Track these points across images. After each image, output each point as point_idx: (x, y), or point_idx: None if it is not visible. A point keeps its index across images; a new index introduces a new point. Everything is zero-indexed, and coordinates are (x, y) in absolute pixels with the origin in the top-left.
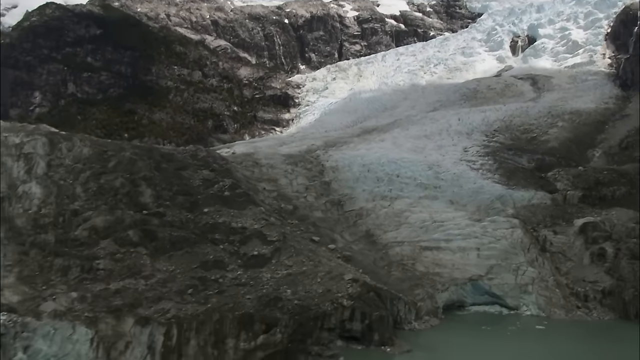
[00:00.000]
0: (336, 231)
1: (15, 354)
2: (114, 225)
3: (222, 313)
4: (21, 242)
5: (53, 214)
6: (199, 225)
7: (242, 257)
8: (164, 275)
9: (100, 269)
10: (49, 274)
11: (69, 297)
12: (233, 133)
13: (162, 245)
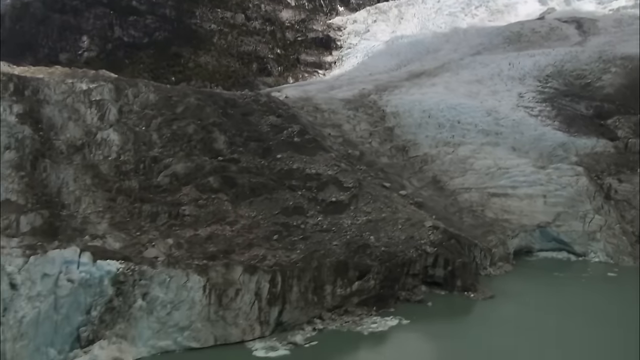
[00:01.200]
0: (404, 177)
1: (135, 300)
2: (194, 172)
3: (320, 261)
4: (108, 189)
5: (133, 160)
6: (274, 171)
7: (321, 204)
8: (248, 221)
9: (186, 215)
10: (139, 220)
11: (166, 244)
12: (277, 76)
13: (242, 192)
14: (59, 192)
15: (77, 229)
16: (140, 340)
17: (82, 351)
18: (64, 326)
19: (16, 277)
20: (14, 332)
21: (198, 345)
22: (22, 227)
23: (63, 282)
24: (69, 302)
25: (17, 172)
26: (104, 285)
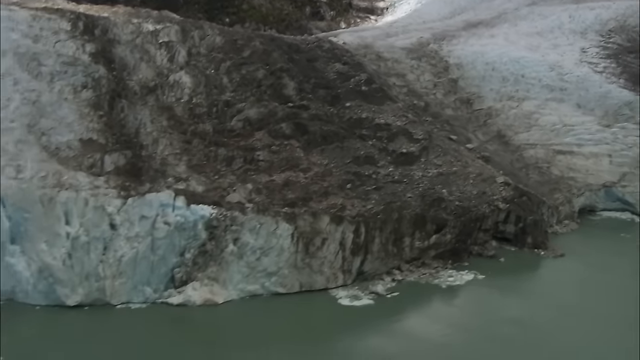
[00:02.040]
0: (469, 130)
1: (226, 245)
2: (267, 118)
3: (400, 213)
4: (183, 132)
5: (206, 104)
6: (343, 119)
7: (391, 154)
8: (320, 169)
9: (260, 160)
10: (215, 163)
11: (246, 189)
12: (329, 20)
13: (314, 139)
14: (137, 133)
15: (158, 170)
16: (231, 283)
17: (176, 291)
18: (159, 267)
19: (115, 217)
20: (113, 270)
21: (284, 290)
22: (106, 166)
23: (160, 224)
24: (165, 244)
25: (95, 112)
26: (198, 229)
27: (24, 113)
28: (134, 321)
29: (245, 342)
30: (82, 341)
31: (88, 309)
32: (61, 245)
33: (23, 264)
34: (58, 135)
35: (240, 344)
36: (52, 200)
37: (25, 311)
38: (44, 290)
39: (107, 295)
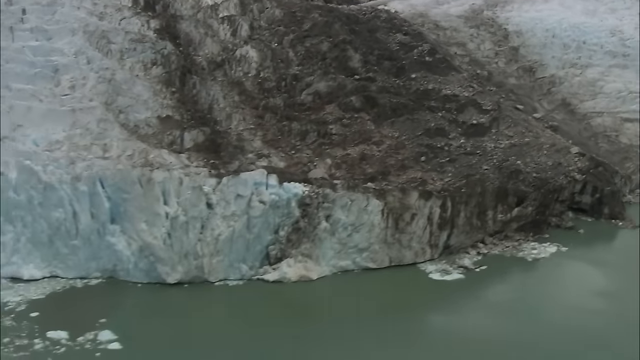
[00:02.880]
0: (534, 99)
1: (319, 222)
2: (337, 91)
3: (483, 186)
4: (255, 106)
5: (274, 78)
6: (410, 91)
7: (462, 126)
8: (392, 141)
9: (333, 134)
10: (289, 138)
11: (325, 164)
12: None
13: (384, 112)
14: (210, 109)
15: (237, 146)
16: (324, 259)
17: (271, 268)
18: (255, 244)
19: (212, 197)
20: (210, 248)
21: (374, 265)
22: (185, 143)
23: (255, 203)
24: (261, 222)
25: (167, 88)
26: (291, 207)
27: (100, 91)
28: (233, 297)
29: (341, 317)
30: (186, 317)
31: (187, 287)
32: (161, 225)
33: (123, 243)
34: (135, 112)
35: (336, 319)
36: (151, 181)
37: (128, 288)
38: (144, 269)
39: (205, 273)
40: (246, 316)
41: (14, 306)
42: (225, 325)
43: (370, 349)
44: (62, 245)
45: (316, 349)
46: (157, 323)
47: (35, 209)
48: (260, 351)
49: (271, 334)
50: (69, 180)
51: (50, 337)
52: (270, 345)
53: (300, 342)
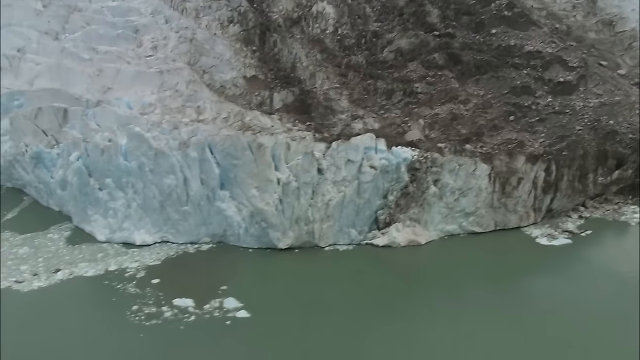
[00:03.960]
0: (616, 55)
1: (428, 187)
2: (419, 48)
3: (584, 149)
4: (337, 64)
5: (353, 35)
6: (492, 48)
7: (548, 84)
8: (478, 100)
9: (419, 92)
10: (375, 97)
11: (419, 125)
12: None
13: (467, 69)
14: (293, 68)
15: (327, 107)
16: (432, 224)
17: (379, 232)
18: (364, 209)
19: (322, 162)
20: (321, 214)
21: (480, 230)
22: (275, 103)
23: (366, 168)
24: (371, 187)
25: (247, 47)
26: (401, 171)
27: (182, 51)
28: (345, 262)
29: (451, 282)
30: (304, 282)
31: (298, 252)
32: (273, 191)
33: (233, 208)
34: (220, 73)
35: (447, 285)
36: (262, 147)
37: (239, 254)
38: (255, 234)
39: (315, 238)
40: (362, 282)
41: (134, 272)
42: (344, 291)
43: (483, 317)
44: (173, 211)
45: (427, 315)
46: (278, 289)
47: (147, 175)
48: (384, 319)
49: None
50: (177, 146)
51: (177, 304)
52: (388, 311)
53: (410, 308)
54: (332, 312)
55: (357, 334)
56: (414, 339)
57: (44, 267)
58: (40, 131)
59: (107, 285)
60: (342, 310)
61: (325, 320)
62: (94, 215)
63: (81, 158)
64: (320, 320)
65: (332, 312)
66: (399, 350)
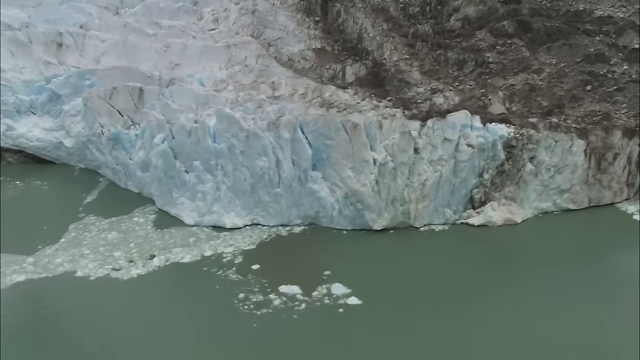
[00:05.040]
0: None
1: (523, 164)
2: (487, 16)
3: None
4: (404, 34)
5: (416, 2)
6: (560, 13)
7: (622, 50)
8: (552, 69)
9: (490, 62)
10: (446, 68)
11: (499, 97)
12: None
13: (538, 37)
14: (359, 39)
15: (401, 79)
16: (527, 202)
17: (474, 212)
18: (460, 189)
19: (418, 141)
20: (417, 194)
21: (574, 207)
22: (347, 77)
23: (463, 147)
24: (468, 166)
25: (309, 17)
26: (497, 149)
27: (245, 24)
28: (445, 243)
29: (553, 261)
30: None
31: (393, 233)
32: (369, 172)
33: (326, 190)
34: (287, 45)
35: (548, 264)
36: (357, 127)
37: (334, 236)
38: (350, 216)
39: (411, 219)
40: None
41: (231, 258)
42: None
43: (586, 300)
44: (264, 194)
45: (527, 297)
46: (382, 272)
47: (237, 157)
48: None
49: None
50: (266, 126)
51: (284, 292)
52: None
53: (515, 291)
54: (442, 296)
55: (471, 318)
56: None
57: (138, 253)
58: (116, 111)
59: (207, 272)
60: (451, 293)
61: (438, 305)
62: (180, 198)
63: (166, 140)
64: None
65: (443, 296)
66: (508, 334)
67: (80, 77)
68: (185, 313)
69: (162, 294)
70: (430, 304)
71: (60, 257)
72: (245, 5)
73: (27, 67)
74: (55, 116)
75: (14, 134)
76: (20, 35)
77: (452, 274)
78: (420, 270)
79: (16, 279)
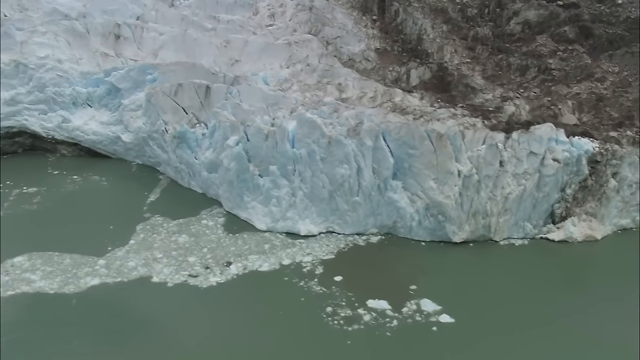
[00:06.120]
0: None
1: (606, 180)
2: (548, 20)
3: None
4: (463, 37)
5: (474, 4)
6: (619, 19)
7: None
8: (614, 78)
9: (552, 69)
10: (508, 73)
11: (569, 107)
12: None
13: (599, 44)
14: (419, 40)
15: (467, 85)
16: (608, 218)
17: (554, 227)
18: (542, 203)
19: (503, 154)
20: (499, 207)
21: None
22: (412, 80)
23: (549, 161)
24: (552, 181)
25: (366, 16)
26: (582, 164)
27: (302, 20)
28: (525, 258)
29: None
30: (494, 279)
31: (473, 246)
32: (453, 184)
33: (406, 199)
34: (347, 45)
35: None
36: (442, 137)
37: (412, 247)
38: (429, 227)
39: (491, 232)
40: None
41: (311, 268)
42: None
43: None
44: (343, 202)
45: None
46: (468, 287)
47: (317, 164)
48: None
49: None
50: (345, 132)
51: (373, 307)
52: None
53: (603, 310)
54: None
55: (566, 335)
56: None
57: (213, 259)
58: (180, 109)
59: (288, 282)
60: (539, 309)
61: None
62: (252, 202)
63: (240, 142)
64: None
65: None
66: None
67: (141, 71)
68: (273, 326)
69: (246, 304)
70: (521, 320)
71: (132, 261)
72: (302, 1)
73: (84, 58)
74: (113, 110)
75: (70, 127)
76: (77, 26)
77: (538, 290)
78: (506, 286)
79: (90, 282)
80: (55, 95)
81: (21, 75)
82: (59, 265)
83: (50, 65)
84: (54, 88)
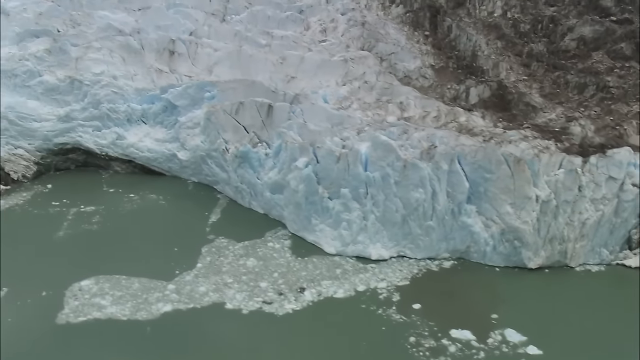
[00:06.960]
0: None
1: None
2: (604, 37)
3: None
4: (517, 53)
5: (527, 19)
6: None
7: None
8: None
9: (611, 87)
10: (566, 91)
11: (634, 128)
12: None
13: None
14: (473, 56)
15: (527, 103)
16: None
17: (631, 252)
18: (619, 229)
19: (582, 179)
20: (576, 233)
21: None
22: (471, 98)
23: (628, 186)
24: (631, 206)
25: (418, 31)
26: None
27: (355, 36)
28: (604, 285)
29: None
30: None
31: (549, 272)
32: (531, 209)
33: (480, 224)
34: (402, 61)
35: None
36: (520, 161)
37: (487, 273)
38: (504, 252)
39: (567, 258)
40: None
41: (387, 294)
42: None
43: None
44: (416, 226)
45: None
46: (551, 316)
47: (390, 187)
48: None
49: None
50: (418, 155)
51: (457, 337)
52: None
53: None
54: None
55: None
56: None
57: (285, 284)
58: (241, 127)
59: (366, 310)
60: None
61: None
62: (320, 225)
63: (310, 164)
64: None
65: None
66: None
67: (199, 88)
68: (358, 357)
69: (326, 334)
70: (609, 353)
71: (203, 286)
72: (353, 16)
73: (138, 74)
74: (169, 127)
75: (124, 144)
76: (132, 42)
77: (622, 319)
78: (590, 315)
79: (162, 308)
80: (110, 112)
81: (76, 92)
82: (128, 289)
83: (105, 82)
84: (109, 104)
